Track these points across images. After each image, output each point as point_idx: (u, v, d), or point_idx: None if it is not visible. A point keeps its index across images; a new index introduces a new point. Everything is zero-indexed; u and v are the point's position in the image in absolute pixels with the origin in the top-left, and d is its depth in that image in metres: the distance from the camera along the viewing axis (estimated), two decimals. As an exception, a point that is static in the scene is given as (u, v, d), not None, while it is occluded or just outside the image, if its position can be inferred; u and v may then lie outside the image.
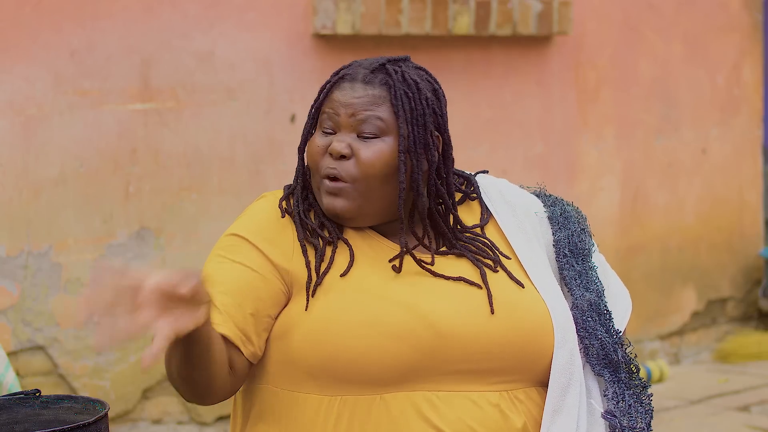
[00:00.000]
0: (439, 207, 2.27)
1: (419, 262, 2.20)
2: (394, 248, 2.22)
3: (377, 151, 2.19)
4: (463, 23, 4.80)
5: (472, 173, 2.39)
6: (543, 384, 2.22)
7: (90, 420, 2.03)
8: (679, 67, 5.65)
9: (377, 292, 2.16)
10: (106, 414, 2.08)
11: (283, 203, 2.24)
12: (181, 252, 4.36)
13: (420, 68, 2.29)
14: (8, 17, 4.06)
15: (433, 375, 2.14)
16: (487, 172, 2.42)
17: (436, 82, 2.28)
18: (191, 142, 4.37)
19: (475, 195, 2.35)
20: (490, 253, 2.26)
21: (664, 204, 5.64)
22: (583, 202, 5.34)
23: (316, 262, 2.19)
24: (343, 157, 2.18)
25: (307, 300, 2.17)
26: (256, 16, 4.46)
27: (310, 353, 2.14)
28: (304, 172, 2.26)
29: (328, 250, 2.20)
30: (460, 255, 2.24)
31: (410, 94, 2.21)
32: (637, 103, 5.52)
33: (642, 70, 5.52)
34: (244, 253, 2.20)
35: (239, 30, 4.43)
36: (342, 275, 2.18)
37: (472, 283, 2.19)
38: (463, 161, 4.92)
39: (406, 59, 2.29)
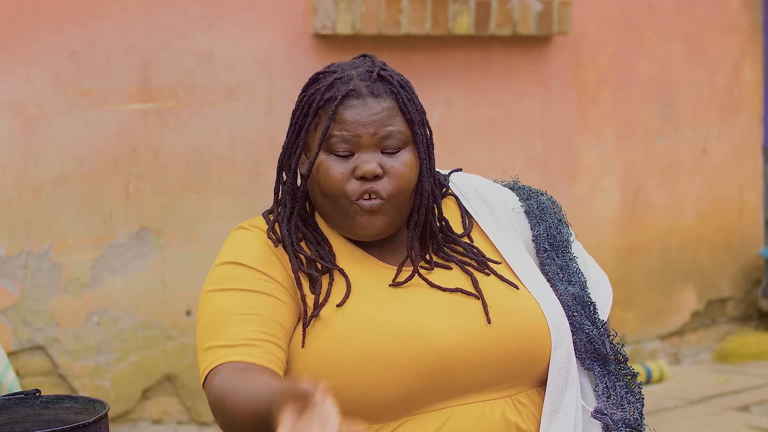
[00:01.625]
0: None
1: (422, 277, 2.15)
2: (385, 266, 2.18)
3: (407, 163, 2.14)
4: (463, 23, 4.80)
5: (446, 172, 2.34)
6: (544, 384, 2.20)
7: (90, 420, 2.03)
8: (679, 67, 5.65)
9: (376, 320, 2.10)
10: (106, 414, 2.08)
11: (271, 234, 2.16)
12: (181, 252, 4.36)
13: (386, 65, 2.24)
14: (8, 17, 4.06)
15: (438, 396, 2.10)
16: (461, 170, 2.37)
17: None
18: (191, 142, 4.37)
19: (446, 190, 2.30)
20: (478, 257, 2.22)
21: (664, 204, 5.64)
22: (583, 202, 5.34)
23: (317, 296, 2.12)
24: (376, 176, 2.12)
25: (303, 336, 2.11)
26: (256, 16, 4.47)
27: None
28: (296, 197, 2.19)
29: (324, 281, 2.14)
30: (447, 260, 2.21)
31: (409, 97, 2.18)
32: (637, 103, 5.52)
33: (642, 70, 5.52)
34: (251, 281, 2.12)
35: (239, 30, 4.43)
36: (339, 305, 2.11)
37: (468, 294, 2.15)
38: (463, 161, 4.94)
39: (376, 59, 2.23)
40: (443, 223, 2.25)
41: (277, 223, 2.19)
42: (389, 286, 2.15)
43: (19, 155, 4.09)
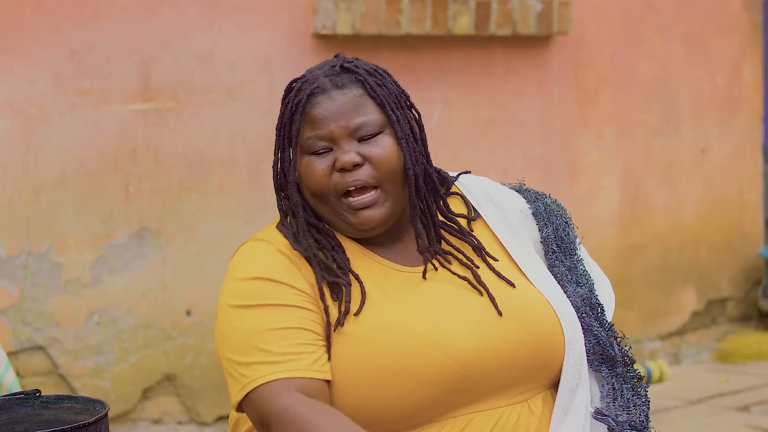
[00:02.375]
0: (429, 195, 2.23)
1: (444, 265, 2.16)
2: (392, 266, 2.17)
3: (386, 146, 2.14)
4: (463, 23, 4.80)
5: (454, 174, 2.34)
6: (556, 386, 2.21)
7: (90, 420, 2.03)
8: (679, 67, 5.65)
9: (394, 327, 2.08)
10: (106, 414, 2.08)
11: (297, 246, 2.14)
12: (181, 252, 4.36)
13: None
14: (8, 17, 4.06)
15: (457, 403, 2.11)
16: (470, 172, 2.37)
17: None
18: (191, 142, 4.38)
19: (452, 191, 2.31)
20: (476, 245, 2.23)
21: (664, 204, 5.64)
22: (583, 202, 5.34)
23: (340, 304, 2.10)
24: (356, 165, 2.12)
25: (328, 349, 2.08)
26: (256, 16, 4.47)
27: (332, 401, 2.07)
28: (303, 206, 2.18)
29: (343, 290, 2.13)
30: (446, 253, 2.20)
31: (379, 82, 2.18)
32: (637, 103, 5.52)
33: (642, 70, 5.52)
34: (280, 295, 2.10)
35: (239, 30, 4.43)
36: (356, 314, 2.10)
37: (473, 287, 2.15)
38: (463, 161, 4.94)
39: (343, 55, 2.25)
40: (443, 203, 2.24)
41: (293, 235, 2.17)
42: (422, 277, 2.15)
43: (19, 155, 4.09)
